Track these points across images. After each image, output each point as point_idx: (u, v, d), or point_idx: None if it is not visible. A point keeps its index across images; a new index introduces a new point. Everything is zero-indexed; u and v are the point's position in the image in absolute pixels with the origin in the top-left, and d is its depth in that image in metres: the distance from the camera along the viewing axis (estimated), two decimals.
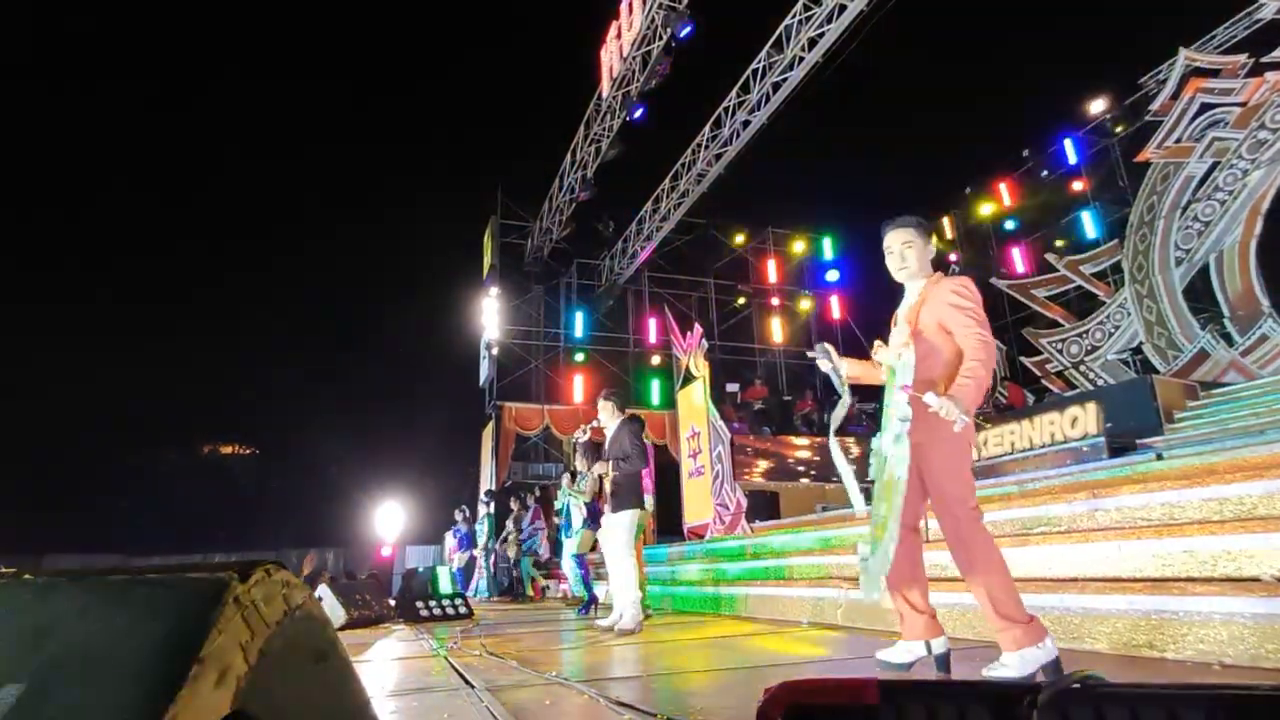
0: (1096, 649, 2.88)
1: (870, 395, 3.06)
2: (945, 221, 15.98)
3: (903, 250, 2.58)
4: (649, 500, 6.35)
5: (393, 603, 7.80)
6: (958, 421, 2.21)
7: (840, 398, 2.80)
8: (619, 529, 5.37)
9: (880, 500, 2.45)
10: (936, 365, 2.46)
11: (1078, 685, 0.49)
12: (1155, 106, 10.99)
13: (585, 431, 6.25)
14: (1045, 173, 13.64)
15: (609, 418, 5.60)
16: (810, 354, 2.83)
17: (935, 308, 2.49)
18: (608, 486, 5.49)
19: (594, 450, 6.02)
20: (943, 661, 2.55)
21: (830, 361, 2.75)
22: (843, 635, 4.14)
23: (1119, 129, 12.51)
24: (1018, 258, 14.26)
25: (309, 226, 26.45)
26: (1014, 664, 2.20)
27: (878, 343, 2.73)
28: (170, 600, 0.58)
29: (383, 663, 4.04)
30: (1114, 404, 7.75)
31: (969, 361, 2.35)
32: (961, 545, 2.38)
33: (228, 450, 27.02)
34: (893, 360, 2.52)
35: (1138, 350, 11.35)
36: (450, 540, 13.51)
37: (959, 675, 2.58)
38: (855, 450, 11.06)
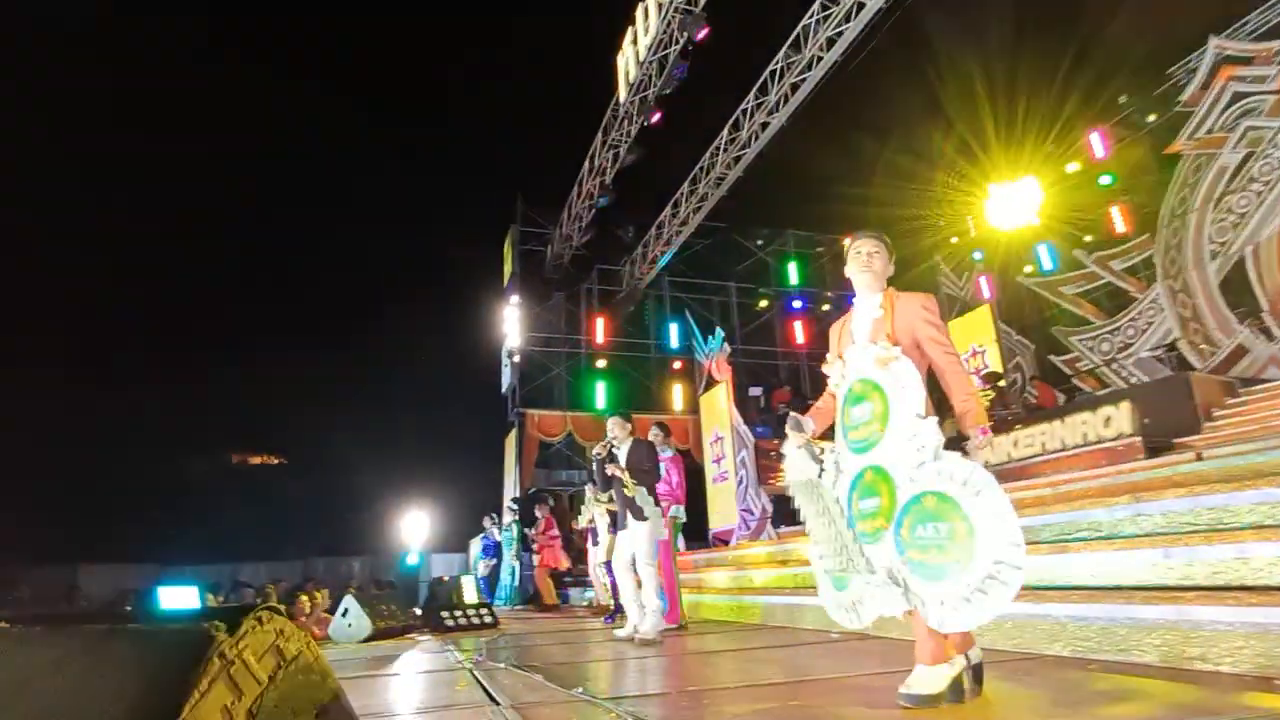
0: (1145, 661, 2.76)
1: None
2: (969, 220, 15.71)
3: (870, 255, 2.67)
4: (679, 509, 6.37)
5: (419, 612, 7.80)
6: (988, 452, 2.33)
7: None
8: (638, 540, 5.39)
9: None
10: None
11: None
12: (1185, 97, 10.73)
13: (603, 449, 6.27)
14: (1074, 167, 13.33)
15: (624, 435, 5.62)
16: (790, 429, 2.73)
17: (906, 322, 2.52)
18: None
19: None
20: (976, 673, 2.46)
21: (803, 434, 2.69)
22: (876, 644, 4.01)
23: (1149, 119, 12.19)
24: (1045, 255, 13.95)
25: (333, 238, 26.64)
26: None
27: (830, 356, 2.73)
28: (149, 655, 0.53)
29: (409, 676, 4.01)
30: (1149, 402, 7.53)
31: (968, 389, 2.46)
32: None
33: (256, 460, 27.35)
34: (878, 374, 2.48)
35: (1172, 347, 11.03)
36: (475, 548, 13.51)
37: (992, 687, 2.47)
38: None
